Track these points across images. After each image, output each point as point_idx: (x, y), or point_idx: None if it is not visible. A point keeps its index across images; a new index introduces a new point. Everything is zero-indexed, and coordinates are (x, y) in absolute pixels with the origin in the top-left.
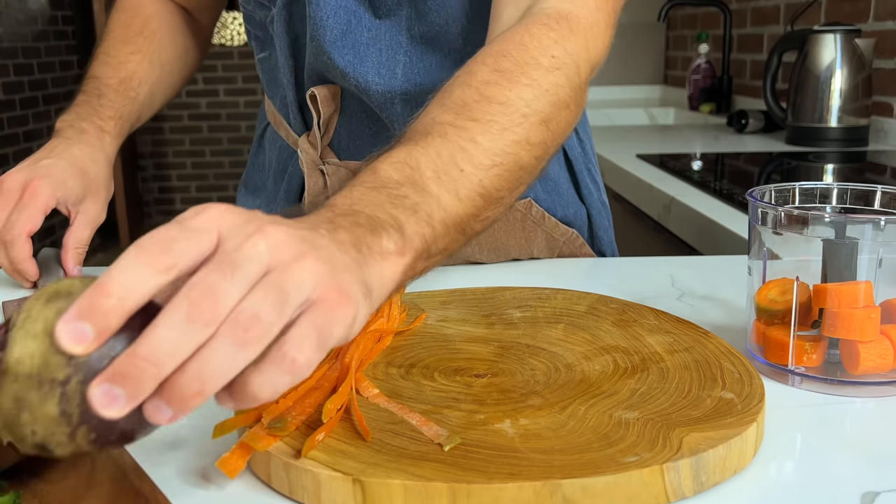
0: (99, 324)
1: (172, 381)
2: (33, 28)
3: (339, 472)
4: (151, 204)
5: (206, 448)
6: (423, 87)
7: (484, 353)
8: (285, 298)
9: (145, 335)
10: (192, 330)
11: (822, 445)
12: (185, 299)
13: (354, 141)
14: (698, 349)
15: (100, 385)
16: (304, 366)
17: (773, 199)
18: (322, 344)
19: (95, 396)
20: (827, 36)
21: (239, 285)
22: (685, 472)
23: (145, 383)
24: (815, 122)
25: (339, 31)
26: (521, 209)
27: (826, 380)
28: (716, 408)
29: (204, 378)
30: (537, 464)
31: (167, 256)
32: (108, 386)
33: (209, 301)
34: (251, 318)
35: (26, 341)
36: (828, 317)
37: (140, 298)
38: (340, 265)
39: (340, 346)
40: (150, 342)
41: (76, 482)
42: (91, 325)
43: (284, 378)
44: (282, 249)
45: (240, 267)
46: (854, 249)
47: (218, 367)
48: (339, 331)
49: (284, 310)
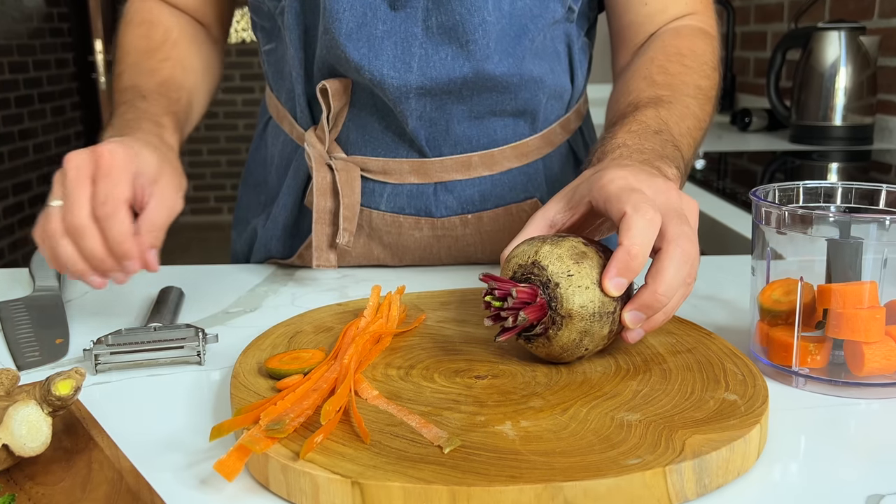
0: (630, 276)
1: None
2: (28, 25)
3: (337, 474)
4: None
5: (203, 450)
6: (437, 81)
7: (484, 355)
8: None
9: (661, 278)
10: (682, 272)
11: (827, 447)
12: (678, 247)
13: (363, 136)
14: (701, 350)
15: (630, 311)
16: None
17: (777, 199)
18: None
19: (628, 317)
20: (831, 33)
21: (685, 242)
22: (688, 475)
23: (657, 309)
24: (819, 120)
25: (355, 24)
26: (527, 209)
27: (830, 381)
28: (719, 409)
29: (670, 309)
30: (538, 466)
31: (655, 214)
32: (635, 312)
33: (691, 248)
34: (695, 257)
35: (583, 293)
36: (832, 317)
37: (647, 254)
38: (686, 201)
39: (339, 347)
40: (664, 282)
41: (72, 484)
42: (625, 278)
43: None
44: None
45: (684, 224)
46: (859, 249)
47: (677, 296)
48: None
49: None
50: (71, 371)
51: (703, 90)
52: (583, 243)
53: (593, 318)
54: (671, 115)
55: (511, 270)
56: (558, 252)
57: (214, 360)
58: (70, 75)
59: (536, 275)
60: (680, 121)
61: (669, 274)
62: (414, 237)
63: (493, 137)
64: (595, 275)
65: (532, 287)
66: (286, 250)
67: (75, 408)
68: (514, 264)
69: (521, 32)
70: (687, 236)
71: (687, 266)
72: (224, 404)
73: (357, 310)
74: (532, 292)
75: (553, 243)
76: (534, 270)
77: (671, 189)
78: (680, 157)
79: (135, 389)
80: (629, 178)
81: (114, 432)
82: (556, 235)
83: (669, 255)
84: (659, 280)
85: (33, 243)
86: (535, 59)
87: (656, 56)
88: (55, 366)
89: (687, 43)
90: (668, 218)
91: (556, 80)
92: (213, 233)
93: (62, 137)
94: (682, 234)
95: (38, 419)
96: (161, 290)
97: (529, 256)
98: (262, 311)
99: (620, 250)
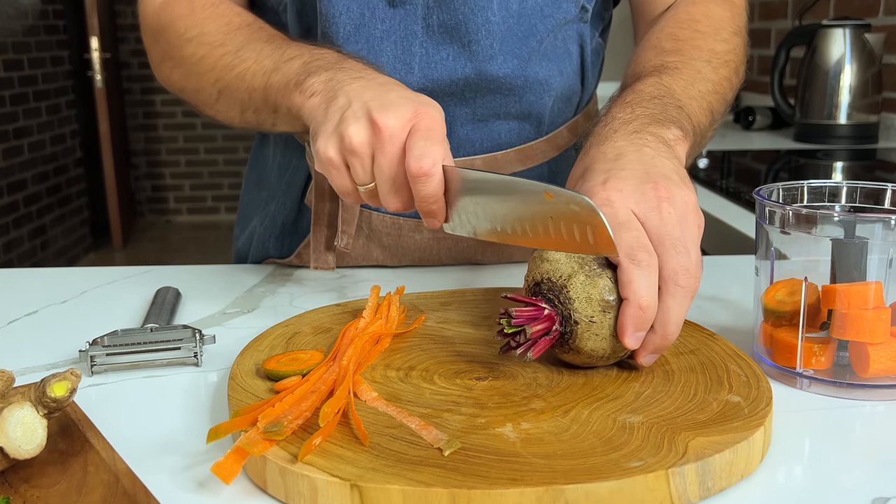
0: (646, 327)
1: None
2: (23, 23)
3: (336, 477)
4: (144, 203)
5: (201, 452)
6: (439, 82)
7: (485, 356)
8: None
9: (668, 321)
10: (685, 306)
11: (831, 450)
12: (678, 287)
13: None
14: (704, 351)
15: (645, 356)
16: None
17: (781, 198)
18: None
19: (644, 361)
20: (836, 31)
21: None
22: (691, 478)
23: (668, 345)
24: (823, 118)
25: (353, 27)
26: None
27: (835, 383)
28: (722, 411)
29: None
30: (539, 469)
31: (650, 256)
32: (650, 356)
33: (690, 280)
34: (696, 278)
35: (598, 341)
36: (837, 318)
37: (657, 299)
38: (680, 173)
39: (338, 348)
40: (672, 323)
41: (67, 487)
42: (643, 331)
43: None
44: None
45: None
46: (864, 249)
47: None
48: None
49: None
50: (66, 372)
51: (718, 54)
52: (614, 287)
53: (601, 359)
54: (676, 81)
55: (540, 275)
56: (590, 292)
57: (212, 361)
58: (66, 73)
59: (561, 302)
60: (688, 85)
61: (675, 315)
62: (414, 239)
63: (497, 141)
64: (614, 326)
65: (548, 322)
66: (284, 249)
67: (71, 410)
68: (543, 272)
69: (528, 33)
70: (684, 268)
71: (688, 299)
72: (221, 406)
73: (356, 310)
74: (546, 328)
75: (589, 277)
76: (560, 297)
77: (656, 158)
78: (686, 118)
79: (131, 391)
80: (607, 190)
81: (110, 434)
82: (596, 264)
83: (671, 295)
84: (667, 325)
85: (29, 242)
86: (542, 60)
87: (667, 24)
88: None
89: (702, 9)
90: (663, 247)
91: (564, 83)
92: (211, 232)
93: (57, 136)
94: (680, 269)
95: (34, 421)
96: (158, 291)
97: (562, 278)
98: (260, 312)
99: (630, 307)
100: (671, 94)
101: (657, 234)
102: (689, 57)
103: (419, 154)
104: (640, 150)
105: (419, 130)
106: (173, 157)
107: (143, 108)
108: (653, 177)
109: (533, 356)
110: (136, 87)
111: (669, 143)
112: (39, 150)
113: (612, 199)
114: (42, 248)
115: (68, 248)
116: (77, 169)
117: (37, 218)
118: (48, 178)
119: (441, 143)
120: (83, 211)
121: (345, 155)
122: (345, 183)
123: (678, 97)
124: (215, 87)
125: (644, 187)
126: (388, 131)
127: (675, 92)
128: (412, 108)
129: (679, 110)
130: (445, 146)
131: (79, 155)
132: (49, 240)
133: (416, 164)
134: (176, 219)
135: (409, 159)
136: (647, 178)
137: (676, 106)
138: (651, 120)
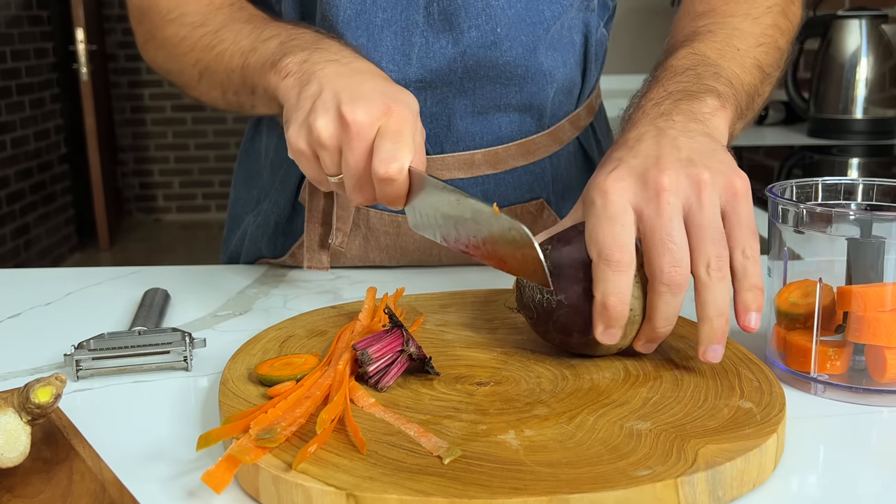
0: (615, 325)
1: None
2: (6, 13)
3: (332, 486)
4: (132, 200)
5: (191, 461)
6: (437, 72)
7: (486, 360)
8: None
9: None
10: (672, 307)
11: (847, 458)
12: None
13: None
14: None
15: (642, 342)
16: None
17: (795, 196)
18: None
19: (641, 348)
20: (852, 21)
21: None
22: (701, 487)
23: (661, 338)
24: (839, 113)
25: (353, 12)
26: (533, 210)
27: (851, 388)
28: (733, 418)
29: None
30: (543, 478)
31: (624, 255)
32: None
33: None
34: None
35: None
36: (853, 321)
37: (674, 323)
38: (705, 152)
39: (333, 352)
40: (663, 317)
41: (52, 496)
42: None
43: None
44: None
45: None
46: (881, 249)
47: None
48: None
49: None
50: (51, 377)
51: (757, 5)
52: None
53: (609, 346)
54: (710, 45)
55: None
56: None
57: (202, 365)
58: (50, 66)
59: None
60: (724, 46)
61: (661, 312)
62: (413, 238)
63: (498, 134)
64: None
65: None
66: (278, 249)
67: (55, 416)
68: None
69: (536, 20)
70: (670, 266)
71: (676, 296)
72: (212, 412)
73: (352, 313)
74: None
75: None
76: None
77: (679, 139)
78: (726, 83)
79: (118, 396)
80: (607, 180)
81: (96, 442)
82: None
83: (655, 293)
84: (654, 321)
85: (11, 242)
86: (548, 49)
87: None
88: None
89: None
90: (652, 242)
91: (567, 73)
92: (201, 231)
93: (41, 131)
94: (665, 266)
95: (17, 428)
96: (146, 292)
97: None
98: (253, 315)
99: (597, 304)
100: (705, 62)
101: (650, 227)
102: (723, 14)
103: (386, 157)
104: (662, 132)
105: (388, 131)
106: (162, 154)
107: (131, 102)
108: (663, 163)
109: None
110: (124, 80)
111: (703, 117)
112: (23, 145)
113: (608, 190)
114: (25, 247)
115: (53, 247)
116: (62, 165)
117: (20, 216)
118: (32, 175)
119: (409, 146)
120: (68, 209)
121: (314, 147)
122: (316, 173)
123: (714, 62)
124: (196, 68)
125: (647, 176)
126: (355, 127)
127: (709, 58)
128: (383, 104)
129: (716, 77)
130: (416, 145)
131: (64, 151)
132: (33, 239)
133: (383, 167)
134: (165, 217)
135: (376, 162)
136: (656, 165)
137: (713, 73)
138: (683, 95)
